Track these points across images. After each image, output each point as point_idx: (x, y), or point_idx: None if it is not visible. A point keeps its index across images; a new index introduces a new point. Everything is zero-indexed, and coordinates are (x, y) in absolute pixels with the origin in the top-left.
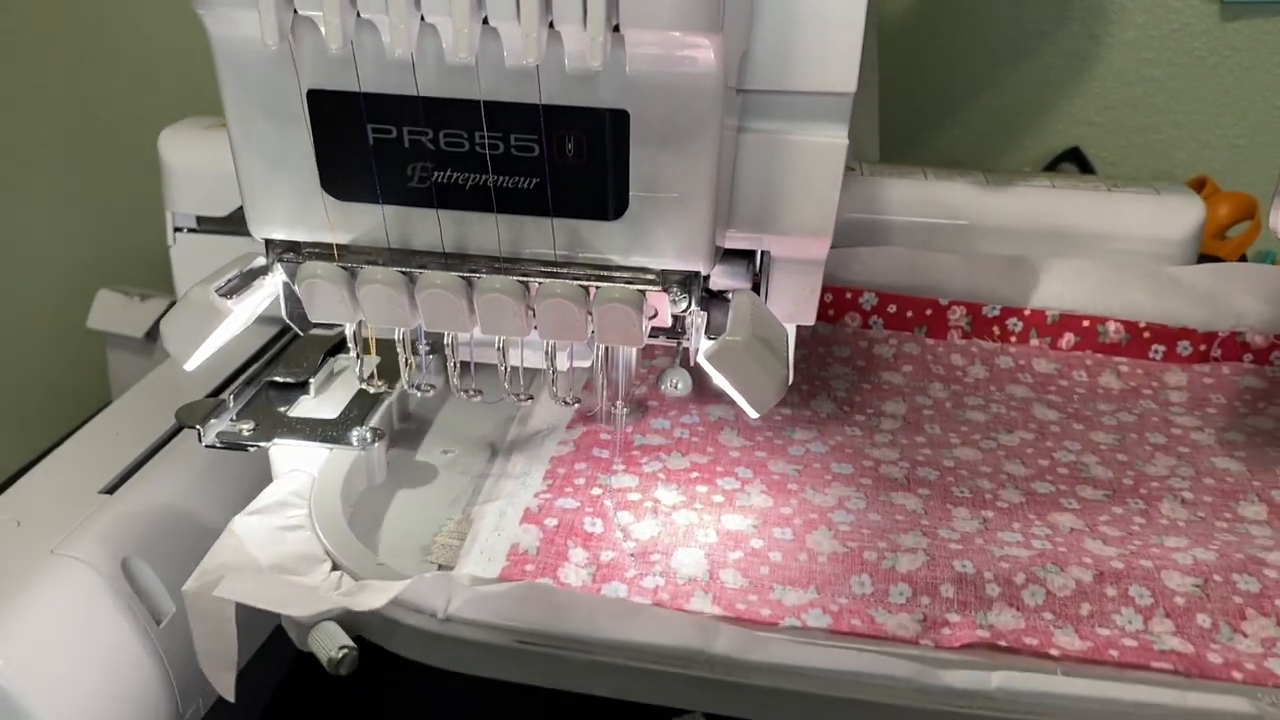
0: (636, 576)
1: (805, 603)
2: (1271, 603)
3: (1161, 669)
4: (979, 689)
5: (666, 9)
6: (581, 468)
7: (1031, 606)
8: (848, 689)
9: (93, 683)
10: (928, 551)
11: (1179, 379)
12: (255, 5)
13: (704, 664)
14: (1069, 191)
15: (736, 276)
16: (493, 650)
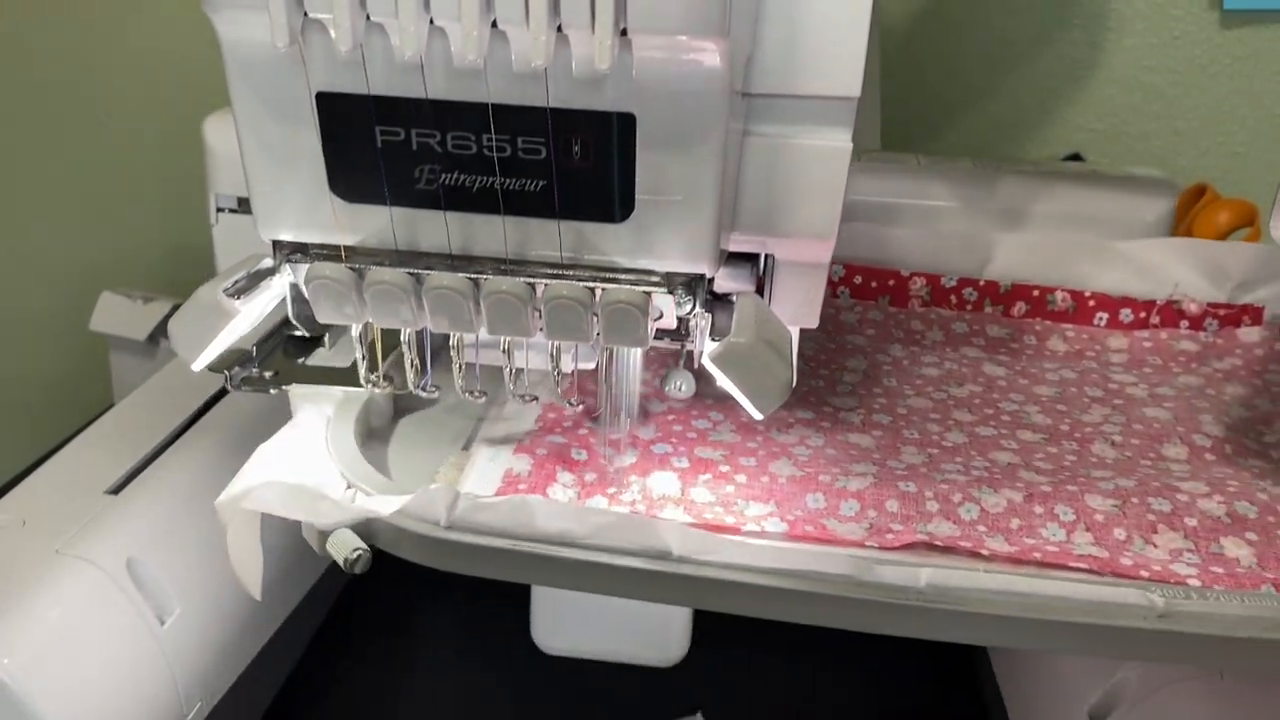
0: (616, 493)
1: (765, 514)
2: (1181, 520)
3: (1078, 568)
4: (909, 585)
5: (674, 13)
6: (571, 414)
7: (967, 520)
8: (793, 582)
9: (97, 681)
10: (876, 476)
11: (1120, 343)
12: (265, 7)
13: (673, 561)
14: (1051, 176)
15: (740, 279)
16: (488, 552)
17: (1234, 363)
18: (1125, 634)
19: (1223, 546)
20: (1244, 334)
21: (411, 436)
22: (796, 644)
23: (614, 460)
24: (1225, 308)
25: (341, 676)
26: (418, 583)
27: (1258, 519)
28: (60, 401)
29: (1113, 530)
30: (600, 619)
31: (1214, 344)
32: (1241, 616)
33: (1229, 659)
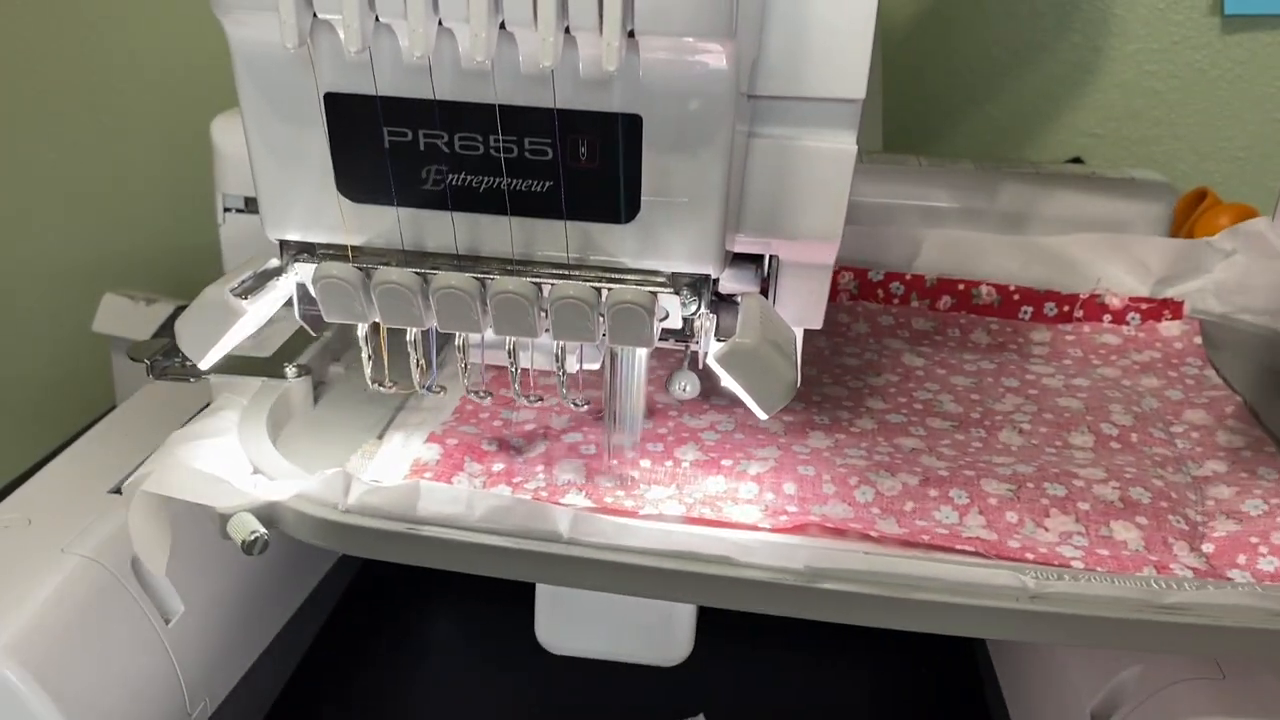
0: (521, 482)
1: (665, 497)
2: (1074, 504)
3: (964, 550)
4: (787, 566)
5: (681, 15)
6: (489, 406)
7: (861, 503)
8: (675, 563)
9: (102, 680)
10: (778, 460)
11: (1043, 336)
12: (274, 8)
13: (563, 544)
14: (1051, 179)
15: (745, 280)
16: (384, 535)
17: (1153, 355)
18: (997, 614)
19: (1112, 530)
20: (1164, 328)
21: (330, 425)
22: (799, 644)
23: (618, 461)
24: (1147, 302)
25: (345, 676)
26: (421, 583)
27: (1150, 504)
28: (63, 402)
29: (1005, 514)
30: (604, 619)
31: (1135, 337)
32: (1111, 598)
33: (1099, 639)
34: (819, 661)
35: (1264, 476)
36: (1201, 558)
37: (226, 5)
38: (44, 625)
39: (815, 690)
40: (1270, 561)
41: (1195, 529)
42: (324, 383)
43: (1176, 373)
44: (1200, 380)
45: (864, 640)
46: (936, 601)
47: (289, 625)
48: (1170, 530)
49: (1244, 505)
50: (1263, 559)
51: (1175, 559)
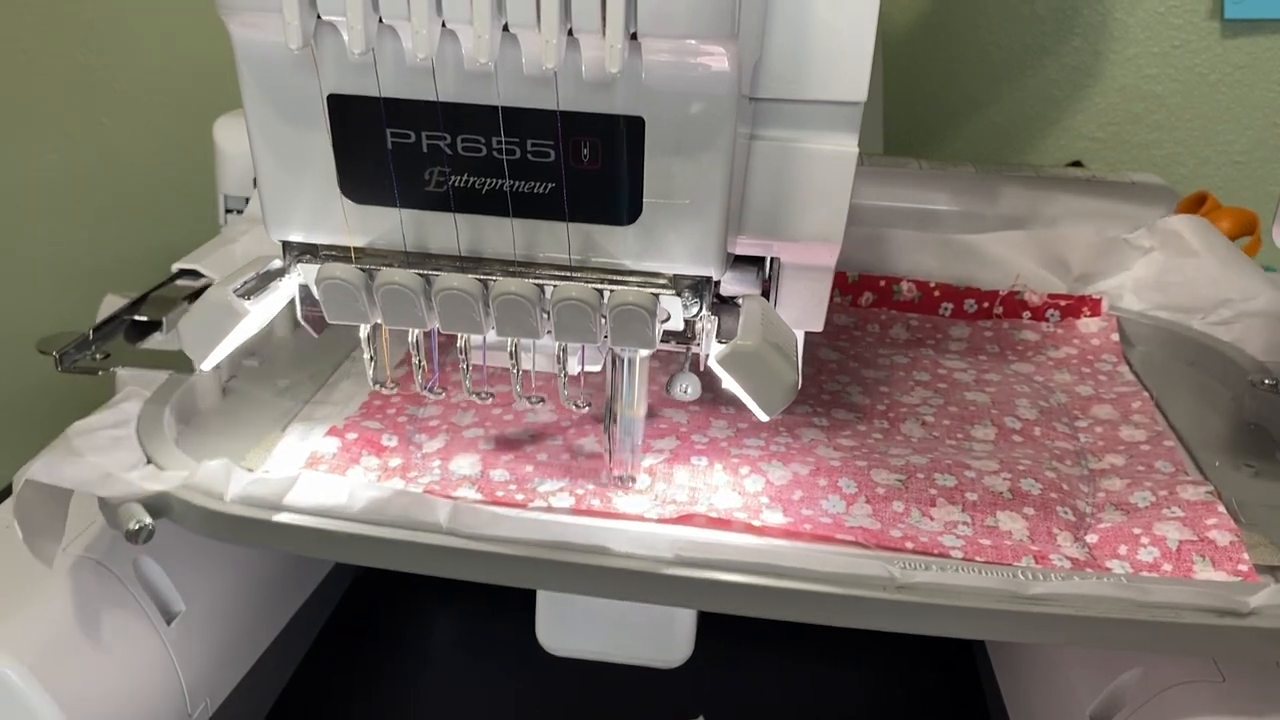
0: (416, 475)
1: (556, 490)
2: (962, 494)
3: (843, 540)
4: (657, 555)
5: (683, 17)
6: (396, 401)
7: (751, 492)
8: (550, 553)
9: (104, 680)
10: (673, 451)
11: (962, 332)
12: (279, 9)
13: (445, 534)
14: (1052, 182)
15: (746, 282)
16: (267, 526)
17: (1070, 352)
18: (864, 604)
19: (998, 520)
20: (1083, 325)
21: (237, 418)
22: (800, 646)
23: (624, 460)
24: (1066, 299)
25: (345, 677)
26: (422, 583)
27: (1040, 495)
28: (64, 402)
29: (892, 503)
30: (605, 620)
31: (1054, 334)
32: (976, 588)
33: (964, 629)
34: (819, 663)
35: (1160, 470)
36: (1084, 548)
37: (231, 6)
38: (45, 625)
39: (815, 691)
40: (1150, 552)
41: (1083, 520)
42: (236, 376)
43: (1090, 369)
44: (1113, 376)
45: (865, 642)
46: (804, 590)
47: (289, 626)
48: (1056, 521)
49: (1133, 497)
50: (1143, 549)
51: (1057, 549)
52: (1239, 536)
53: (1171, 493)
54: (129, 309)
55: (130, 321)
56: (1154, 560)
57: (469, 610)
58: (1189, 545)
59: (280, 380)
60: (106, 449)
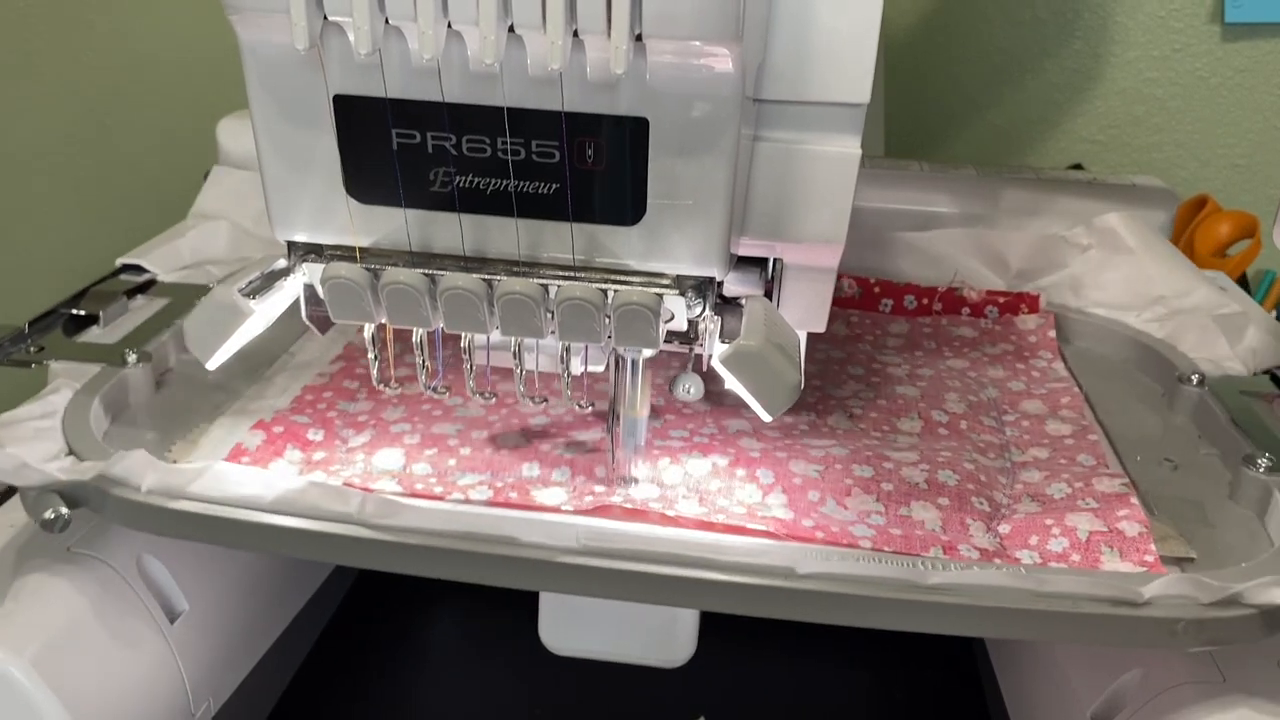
0: (338, 469)
1: (475, 483)
2: (878, 485)
3: (754, 530)
4: (564, 544)
5: (688, 18)
6: (328, 396)
7: (669, 483)
8: (456, 543)
9: (108, 678)
10: (596, 444)
11: (901, 328)
12: (286, 10)
13: (358, 524)
14: (1053, 184)
15: (749, 283)
16: (183, 516)
17: (1006, 348)
18: (767, 592)
19: (911, 510)
20: (1021, 321)
21: (167, 411)
22: (802, 646)
23: (626, 460)
24: (1004, 295)
25: (348, 676)
26: (425, 583)
27: (956, 486)
28: None
29: (807, 493)
30: (607, 621)
31: (992, 330)
32: (874, 578)
33: (861, 618)
34: (821, 663)
35: (1081, 463)
36: (995, 538)
37: (238, 7)
38: (49, 624)
39: (817, 691)
40: (1060, 542)
41: (997, 510)
42: (172, 370)
43: (1025, 364)
44: (1046, 373)
45: (866, 642)
46: (706, 580)
47: (293, 625)
48: (971, 511)
49: (1049, 489)
50: (1054, 540)
51: (968, 540)
52: (1148, 528)
53: (1087, 485)
54: (68, 303)
55: (69, 315)
56: (1063, 550)
57: (472, 610)
58: (1099, 536)
59: (215, 374)
60: (29, 440)
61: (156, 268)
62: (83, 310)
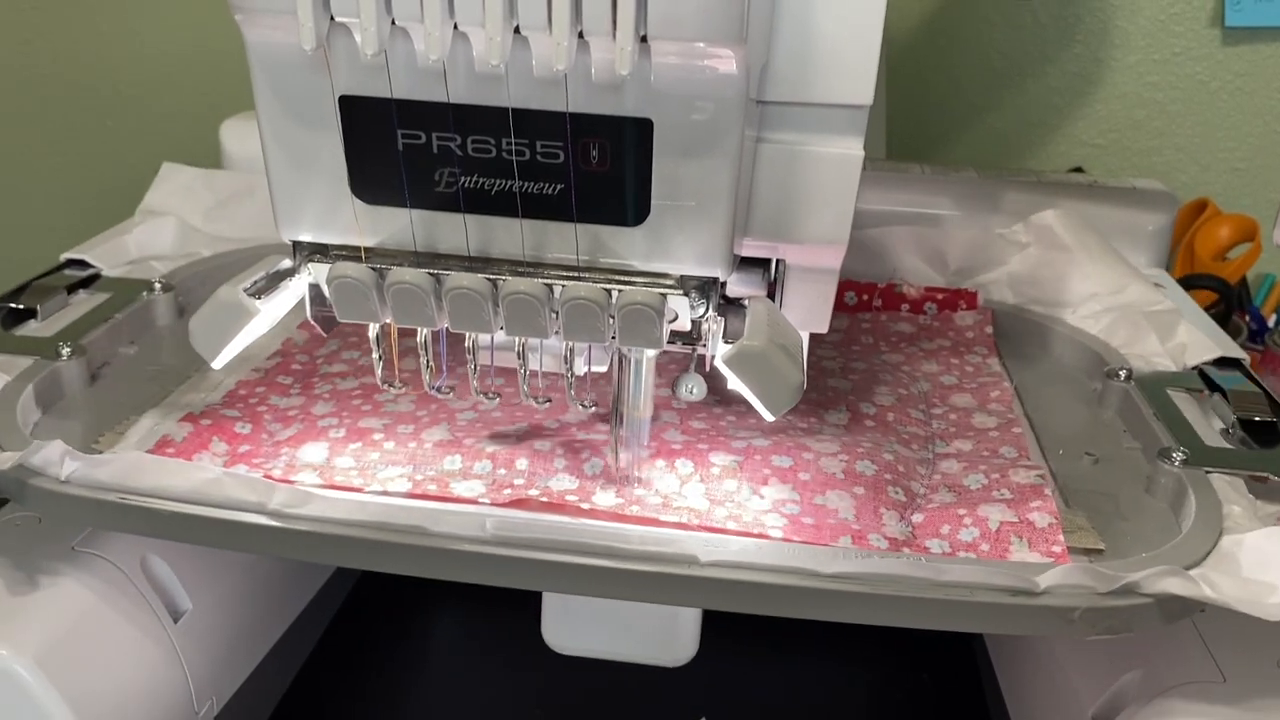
0: (261, 462)
1: (396, 476)
2: (795, 474)
3: (668, 522)
4: (475, 534)
5: (693, 20)
6: (260, 391)
7: (589, 475)
8: (368, 532)
9: (111, 677)
10: (519, 437)
11: (840, 323)
12: (293, 11)
13: (269, 514)
14: (1054, 187)
15: (752, 284)
16: (99, 505)
17: (943, 344)
18: (673, 580)
19: (827, 499)
20: (959, 318)
21: (100, 404)
22: (804, 646)
23: (628, 461)
24: (943, 292)
25: (351, 675)
26: (428, 582)
27: (873, 476)
28: None
29: (725, 482)
30: (610, 620)
31: (930, 326)
32: (776, 567)
33: (760, 606)
34: (822, 663)
35: (1003, 455)
36: (908, 528)
37: (245, 8)
38: (53, 622)
39: (818, 691)
40: (971, 532)
41: (913, 500)
42: (109, 363)
43: (959, 359)
44: (980, 368)
45: (867, 642)
46: (610, 568)
47: (296, 624)
48: (886, 501)
49: (966, 479)
50: (965, 529)
51: (880, 528)
52: (1058, 519)
53: (1004, 476)
54: (7, 297)
55: (7, 309)
56: (973, 540)
57: (475, 609)
58: (1009, 527)
59: (151, 367)
60: None
61: (101, 263)
62: (21, 304)
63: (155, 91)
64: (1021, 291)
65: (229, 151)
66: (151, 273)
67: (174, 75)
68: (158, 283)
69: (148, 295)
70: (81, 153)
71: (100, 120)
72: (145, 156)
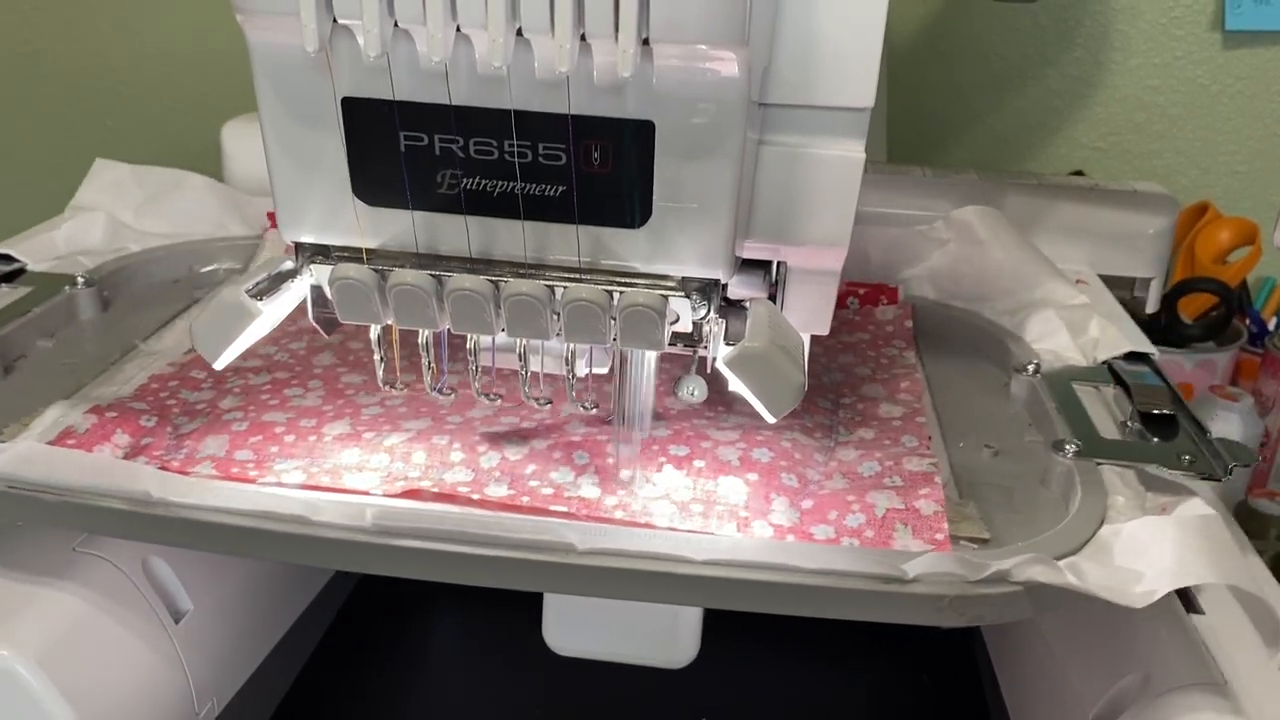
0: (162, 454)
1: (291, 469)
2: (690, 463)
3: (556, 511)
4: (356, 524)
5: (695, 22)
6: (172, 385)
7: (485, 468)
8: (252, 521)
9: (112, 677)
10: (419, 432)
11: None
12: (296, 13)
13: (155, 505)
14: (1055, 189)
15: (753, 286)
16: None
17: (862, 337)
18: (548, 568)
19: (718, 485)
20: (880, 312)
21: (10, 396)
22: (805, 647)
23: (629, 461)
24: (864, 286)
25: (352, 676)
26: (427, 584)
27: (769, 463)
28: None
29: (619, 472)
30: (611, 621)
31: (852, 320)
32: (644, 553)
33: (634, 593)
34: (823, 664)
35: (904, 444)
36: (796, 514)
37: (248, 9)
38: (55, 623)
39: (818, 693)
40: (858, 518)
41: (806, 487)
42: (25, 356)
43: (875, 352)
44: (895, 360)
45: (866, 643)
46: (491, 556)
47: (296, 625)
48: (778, 487)
49: (860, 467)
50: (852, 515)
51: (767, 515)
52: (943, 508)
53: (897, 464)
54: None
55: None
56: (859, 526)
57: (476, 610)
58: (895, 513)
59: (68, 360)
60: None
61: (27, 258)
62: None
63: (155, 91)
64: (942, 287)
65: (230, 153)
66: (78, 267)
67: (174, 75)
68: (81, 277)
69: (70, 289)
70: (82, 152)
71: (100, 120)
72: (145, 156)
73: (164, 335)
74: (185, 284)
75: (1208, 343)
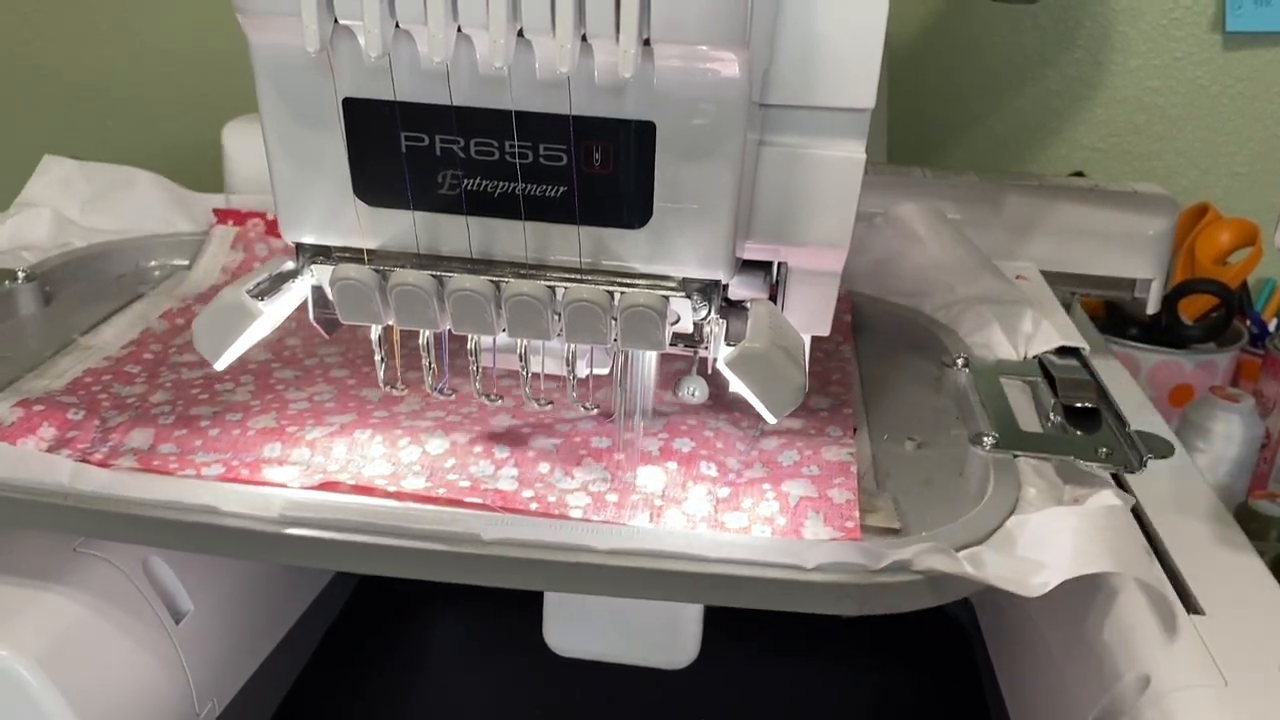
0: (86, 447)
1: (210, 461)
2: (610, 455)
3: (471, 503)
4: (264, 514)
5: (696, 23)
6: (106, 379)
7: (405, 462)
8: (164, 512)
9: (112, 677)
10: (343, 426)
11: None
12: (297, 13)
13: (70, 497)
14: (1055, 190)
15: (754, 286)
16: None
17: None
18: (456, 559)
19: (637, 476)
20: None
21: None
22: (805, 647)
23: (630, 461)
24: None
25: (352, 677)
26: (428, 584)
27: (689, 453)
28: None
29: (538, 465)
30: (611, 621)
31: None
32: (547, 543)
33: (537, 582)
34: (823, 665)
35: (829, 434)
36: (713, 501)
37: (250, 9)
38: (55, 623)
39: (818, 693)
40: (771, 506)
41: (725, 475)
42: None
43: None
44: (830, 354)
45: (867, 644)
46: (398, 547)
47: (297, 626)
48: (696, 476)
49: (781, 456)
50: (765, 503)
51: (684, 503)
52: (855, 496)
53: (816, 453)
54: None
55: None
56: (771, 514)
57: (476, 611)
58: (808, 502)
59: (3, 354)
60: None
61: None
62: None
63: (155, 91)
64: (881, 282)
65: (230, 153)
66: (20, 262)
67: (174, 75)
68: (21, 272)
69: (9, 284)
70: (81, 152)
71: (100, 120)
72: (145, 156)
73: (103, 330)
74: (130, 280)
75: (1208, 344)
